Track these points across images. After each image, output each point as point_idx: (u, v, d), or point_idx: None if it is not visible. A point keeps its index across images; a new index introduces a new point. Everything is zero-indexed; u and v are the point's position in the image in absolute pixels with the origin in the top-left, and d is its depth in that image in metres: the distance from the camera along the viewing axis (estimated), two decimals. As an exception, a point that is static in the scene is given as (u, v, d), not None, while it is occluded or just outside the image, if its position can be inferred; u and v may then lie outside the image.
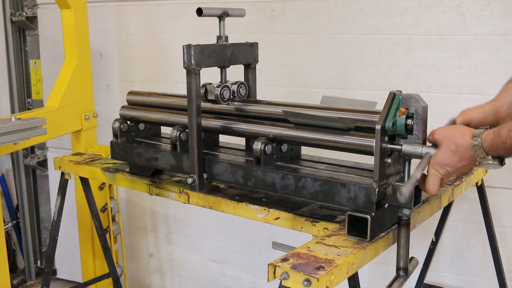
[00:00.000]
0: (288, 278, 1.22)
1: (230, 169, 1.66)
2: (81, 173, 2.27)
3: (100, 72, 3.31)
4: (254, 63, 1.84)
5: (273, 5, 2.87)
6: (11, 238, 3.86)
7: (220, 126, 1.74)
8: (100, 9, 3.24)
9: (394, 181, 1.39)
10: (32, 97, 3.69)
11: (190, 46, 1.59)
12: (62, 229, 2.48)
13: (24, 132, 2.21)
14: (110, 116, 2.26)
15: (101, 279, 2.81)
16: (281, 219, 1.62)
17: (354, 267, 1.32)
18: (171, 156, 1.81)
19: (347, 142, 1.45)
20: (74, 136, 2.83)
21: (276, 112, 1.65)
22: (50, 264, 2.53)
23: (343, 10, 2.70)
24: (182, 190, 1.86)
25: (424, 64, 2.54)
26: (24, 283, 3.83)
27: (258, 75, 1.86)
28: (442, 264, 2.70)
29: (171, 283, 3.54)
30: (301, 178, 1.50)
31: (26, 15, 3.48)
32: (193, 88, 1.62)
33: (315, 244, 1.36)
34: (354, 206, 1.40)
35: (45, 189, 3.80)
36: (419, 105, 1.32)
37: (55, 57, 3.37)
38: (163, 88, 3.00)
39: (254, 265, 3.23)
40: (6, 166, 3.81)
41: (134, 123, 2.02)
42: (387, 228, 1.44)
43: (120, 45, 3.30)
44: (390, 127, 1.32)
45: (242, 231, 3.18)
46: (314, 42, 2.79)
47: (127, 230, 3.51)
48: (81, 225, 2.90)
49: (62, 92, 2.64)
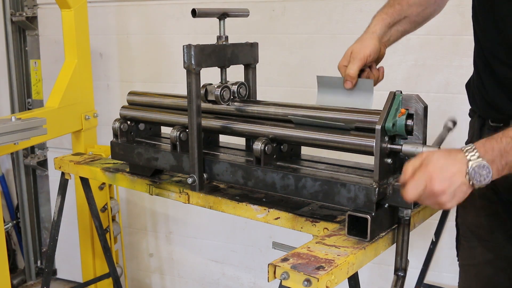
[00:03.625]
0: (288, 278, 1.22)
1: (230, 169, 1.66)
2: (81, 173, 2.27)
3: (100, 72, 3.31)
4: (254, 63, 1.84)
5: (273, 5, 2.87)
6: (11, 238, 3.86)
7: (220, 126, 1.74)
8: (100, 9, 3.24)
9: (394, 181, 1.39)
10: (32, 97, 3.69)
11: (190, 46, 1.59)
12: (62, 229, 2.48)
13: (24, 132, 2.21)
14: (110, 116, 2.26)
15: (101, 279, 2.81)
16: (281, 219, 1.62)
17: (354, 267, 1.32)
18: (171, 156, 1.81)
19: (347, 142, 1.45)
20: (74, 136, 2.83)
21: (276, 112, 1.65)
22: (50, 264, 2.53)
23: (343, 10, 2.70)
24: (182, 190, 1.86)
25: (424, 64, 2.55)
26: (24, 283, 3.83)
27: (258, 75, 1.86)
28: (442, 264, 2.70)
29: (171, 283, 3.54)
30: (301, 178, 1.50)
31: (26, 15, 3.48)
32: (193, 88, 1.62)
33: (315, 244, 1.36)
34: (354, 206, 1.40)
35: (45, 189, 3.80)
36: (419, 105, 1.32)
37: (55, 57, 3.37)
38: (163, 88, 3.00)
39: (254, 265, 3.23)
40: (6, 166, 3.81)
41: (134, 123, 2.02)
42: (387, 228, 1.44)
43: (120, 45, 3.30)
44: (390, 127, 1.32)
45: (242, 231, 3.18)
46: (314, 42, 2.79)
47: (127, 230, 3.51)
48: (81, 225, 2.90)
49: (62, 92, 2.64)
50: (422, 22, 1.68)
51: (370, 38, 1.56)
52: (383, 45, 1.59)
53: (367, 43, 1.54)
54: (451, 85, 2.51)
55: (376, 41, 1.55)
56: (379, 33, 1.57)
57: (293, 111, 1.60)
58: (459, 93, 2.50)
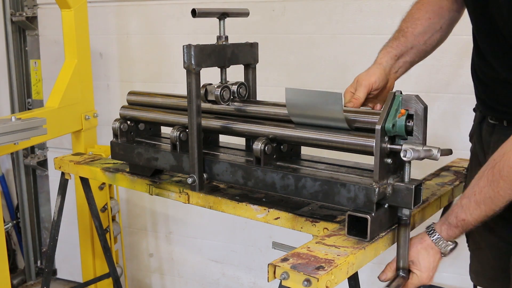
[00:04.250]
0: (288, 278, 1.22)
1: (230, 169, 1.66)
2: (81, 173, 2.27)
3: (100, 72, 3.32)
4: (254, 63, 1.84)
5: (273, 5, 2.87)
6: (11, 238, 3.86)
7: (220, 126, 1.74)
8: (100, 9, 3.24)
9: (394, 181, 1.39)
10: (32, 97, 3.69)
11: (190, 46, 1.59)
12: (62, 229, 2.48)
13: (24, 132, 2.21)
14: (110, 116, 2.26)
15: (101, 279, 2.81)
16: (281, 219, 1.62)
17: (354, 267, 1.32)
18: (171, 156, 1.81)
19: (347, 142, 1.45)
20: (74, 136, 2.83)
21: (276, 112, 1.65)
22: (50, 264, 2.53)
23: (343, 10, 2.70)
24: (182, 190, 1.86)
25: (424, 64, 2.54)
26: (24, 283, 3.83)
27: (258, 75, 1.86)
28: (442, 264, 2.69)
29: (171, 283, 3.54)
30: (301, 178, 1.50)
31: (26, 15, 3.49)
32: (193, 88, 1.62)
33: (315, 244, 1.36)
34: (354, 206, 1.40)
35: (45, 189, 3.80)
36: (419, 106, 1.32)
37: (55, 57, 3.37)
38: (163, 88, 3.00)
39: (254, 265, 3.23)
40: (6, 166, 3.81)
41: (134, 123, 2.02)
42: (387, 228, 1.44)
43: (120, 45, 3.30)
44: (390, 128, 1.32)
45: (242, 231, 3.18)
46: (314, 42, 2.79)
47: (127, 230, 3.51)
48: (81, 225, 2.90)
49: (62, 92, 2.64)
50: (430, 50, 1.73)
51: (375, 68, 1.62)
52: (391, 77, 1.65)
53: (372, 71, 1.61)
54: (451, 85, 2.51)
55: (382, 71, 1.61)
56: (385, 65, 1.62)
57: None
58: (459, 93, 2.50)
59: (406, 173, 1.39)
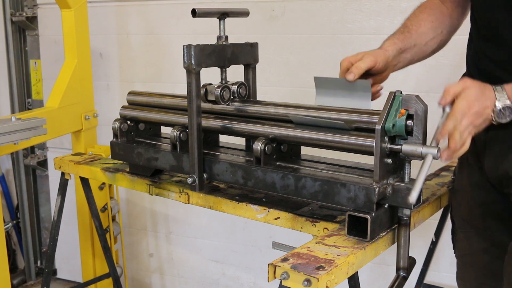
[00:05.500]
0: (288, 278, 1.22)
1: (230, 169, 1.66)
2: (81, 173, 2.28)
3: (100, 72, 3.32)
4: (254, 63, 1.84)
5: (273, 5, 2.87)
6: (11, 238, 3.86)
7: (220, 126, 1.74)
8: (100, 9, 3.24)
9: (394, 181, 1.39)
10: (32, 97, 3.69)
11: (190, 46, 1.59)
12: (62, 229, 2.48)
13: (24, 132, 2.21)
14: (110, 116, 2.26)
15: (101, 279, 2.81)
16: (281, 219, 1.62)
17: (354, 267, 1.32)
18: (171, 156, 1.81)
19: (347, 142, 1.45)
20: (74, 136, 2.83)
21: (276, 112, 1.65)
22: (50, 264, 2.53)
23: (343, 10, 2.70)
24: (182, 190, 1.86)
25: (424, 64, 2.54)
26: (24, 283, 3.83)
27: (258, 75, 1.86)
28: (442, 264, 2.70)
29: (171, 283, 3.54)
30: (301, 178, 1.50)
31: (26, 15, 3.49)
32: (193, 88, 1.62)
33: (315, 244, 1.36)
34: (354, 206, 1.40)
35: (45, 189, 3.80)
36: (419, 106, 1.32)
37: (55, 57, 3.37)
38: (163, 88, 3.00)
39: (254, 265, 3.23)
40: (6, 166, 3.81)
41: (134, 123, 2.02)
42: (387, 228, 1.44)
43: (120, 45, 3.30)
44: (390, 128, 1.32)
45: (242, 231, 3.18)
46: (314, 42, 2.79)
47: (127, 230, 3.51)
48: (81, 225, 2.90)
49: (62, 92, 2.64)
50: (429, 53, 1.72)
51: (382, 52, 1.57)
52: (389, 69, 1.61)
53: (378, 53, 1.56)
54: (451, 85, 2.50)
55: (386, 58, 1.57)
56: (389, 54, 1.58)
57: (293, 111, 1.60)
58: (459, 93, 2.50)
59: (406, 173, 1.39)
